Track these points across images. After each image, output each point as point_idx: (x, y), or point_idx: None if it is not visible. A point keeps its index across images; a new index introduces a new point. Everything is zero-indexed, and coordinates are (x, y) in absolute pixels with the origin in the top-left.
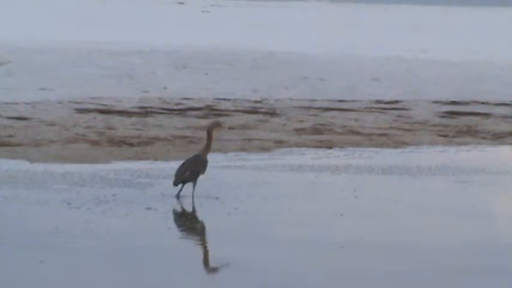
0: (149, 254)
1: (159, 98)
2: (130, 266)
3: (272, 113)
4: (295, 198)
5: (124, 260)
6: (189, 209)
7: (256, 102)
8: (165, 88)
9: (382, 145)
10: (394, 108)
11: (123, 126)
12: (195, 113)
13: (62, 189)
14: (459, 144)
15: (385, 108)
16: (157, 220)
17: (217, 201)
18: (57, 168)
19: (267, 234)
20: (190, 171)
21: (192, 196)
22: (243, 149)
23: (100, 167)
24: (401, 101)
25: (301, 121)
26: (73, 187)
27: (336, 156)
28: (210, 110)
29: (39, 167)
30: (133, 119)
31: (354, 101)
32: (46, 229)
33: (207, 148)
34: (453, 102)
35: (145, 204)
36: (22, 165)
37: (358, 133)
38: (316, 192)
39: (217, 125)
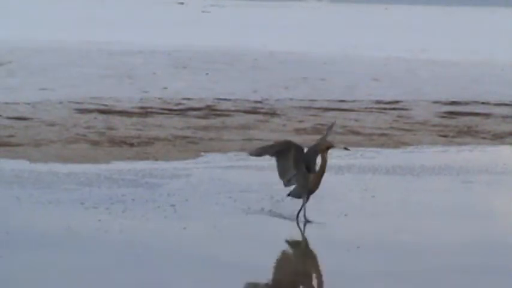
0: (162, 254)
1: (159, 98)
2: (143, 267)
3: (272, 113)
4: (314, 197)
5: (136, 261)
6: (204, 208)
7: (257, 102)
8: (165, 88)
9: (382, 145)
10: (394, 109)
11: (124, 127)
12: (195, 113)
13: (71, 189)
14: (459, 144)
15: (385, 109)
16: (172, 220)
17: (231, 200)
18: (60, 168)
19: (286, 234)
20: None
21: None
22: (243, 149)
23: (102, 167)
24: (401, 101)
25: (301, 121)
26: (81, 187)
27: (337, 156)
28: (211, 110)
29: (43, 167)
30: (134, 119)
31: (354, 101)
32: (59, 229)
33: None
34: (453, 103)
35: (157, 204)
36: (25, 165)
37: (358, 133)
38: (325, 191)
39: (328, 146)
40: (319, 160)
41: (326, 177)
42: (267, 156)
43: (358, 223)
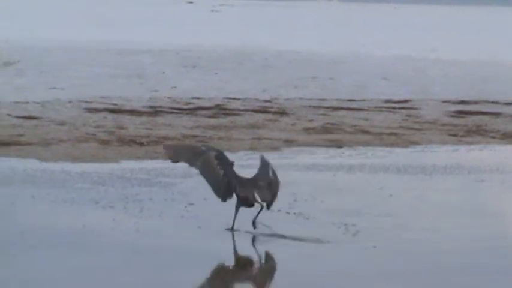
0: (176, 253)
1: (168, 98)
2: (154, 266)
3: (282, 113)
4: (327, 196)
5: (150, 260)
6: (221, 208)
7: (266, 101)
8: (174, 87)
9: (392, 144)
10: (403, 108)
11: (133, 126)
12: (204, 112)
13: (85, 189)
14: (469, 143)
15: (394, 108)
16: (188, 219)
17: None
18: (73, 167)
19: (303, 233)
20: None
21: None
22: (252, 148)
23: (114, 166)
24: (410, 100)
25: (310, 120)
26: (96, 186)
27: (348, 156)
28: (220, 110)
29: (54, 166)
30: (143, 118)
31: (363, 100)
32: (74, 228)
33: None
34: (463, 102)
35: (173, 203)
36: (37, 164)
37: (367, 132)
38: (343, 190)
39: None
40: None
41: (339, 176)
42: (276, 155)
43: (377, 222)
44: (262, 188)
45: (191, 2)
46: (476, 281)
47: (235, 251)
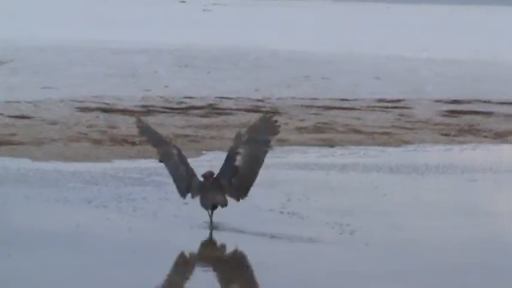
0: (169, 253)
1: (160, 97)
2: (148, 266)
3: (274, 112)
4: (320, 196)
5: (143, 259)
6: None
7: (258, 100)
8: (166, 87)
9: (384, 144)
10: (396, 107)
11: (125, 125)
12: (196, 111)
13: (78, 188)
14: (461, 143)
15: (387, 107)
16: (181, 219)
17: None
18: (65, 167)
19: (298, 232)
20: None
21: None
22: None
23: (107, 165)
24: (403, 100)
25: (302, 120)
26: (88, 186)
27: (340, 155)
28: (212, 109)
29: (47, 165)
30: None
31: (356, 99)
32: (68, 228)
33: None
34: (455, 101)
35: (167, 202)
36: (29, 164)
37: (360, 132)
38: (337, 190)
39: None
40: None
41: (332, 176)
42: (268, 154)
43: (371, 221)
44: (220, 190)
45: (183, 1)
46: (473, 281)
47: (229, 252)
